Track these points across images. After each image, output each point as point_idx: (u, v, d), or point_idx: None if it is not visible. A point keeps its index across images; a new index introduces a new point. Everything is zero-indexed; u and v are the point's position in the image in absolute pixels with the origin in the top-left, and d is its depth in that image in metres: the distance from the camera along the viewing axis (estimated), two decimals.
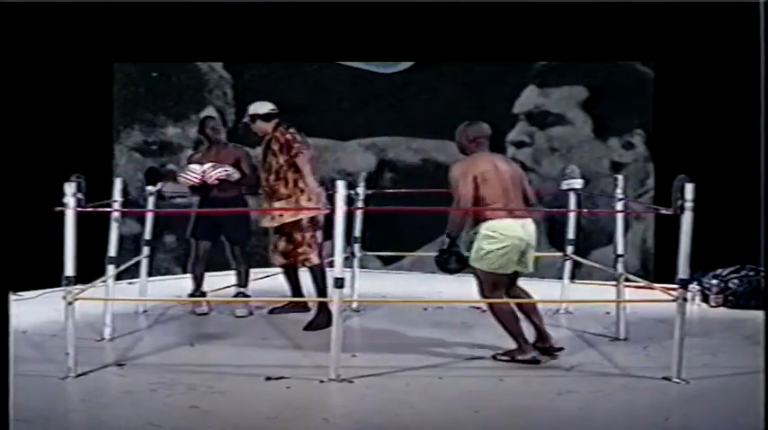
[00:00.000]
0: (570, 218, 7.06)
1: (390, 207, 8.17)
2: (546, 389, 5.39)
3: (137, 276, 7.52)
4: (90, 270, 6.25)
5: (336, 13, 8.82)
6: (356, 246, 7.73)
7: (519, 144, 9.16)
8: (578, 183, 6.82)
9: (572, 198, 6.90)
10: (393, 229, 8.88)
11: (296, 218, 6.96)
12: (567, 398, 5.24)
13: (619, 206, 6.71)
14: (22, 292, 7.65)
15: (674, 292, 5.59)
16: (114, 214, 6.44)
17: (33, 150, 8.03)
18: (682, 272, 5.53)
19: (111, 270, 6.48)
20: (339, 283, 5.55)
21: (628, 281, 6.73)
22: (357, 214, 7.61)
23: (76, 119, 8.53)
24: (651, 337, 6.55)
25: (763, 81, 8.24)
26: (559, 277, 7.61)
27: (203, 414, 4.93)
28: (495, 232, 5.83)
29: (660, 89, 8.93)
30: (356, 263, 7.77)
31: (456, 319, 6.39)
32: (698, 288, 7.98)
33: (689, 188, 5.45)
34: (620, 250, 6.64)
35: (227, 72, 9.71)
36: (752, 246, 8.30)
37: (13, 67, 7.10)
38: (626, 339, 6.56)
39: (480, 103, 9.15)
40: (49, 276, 6.91)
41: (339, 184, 5.65)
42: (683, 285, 5.55)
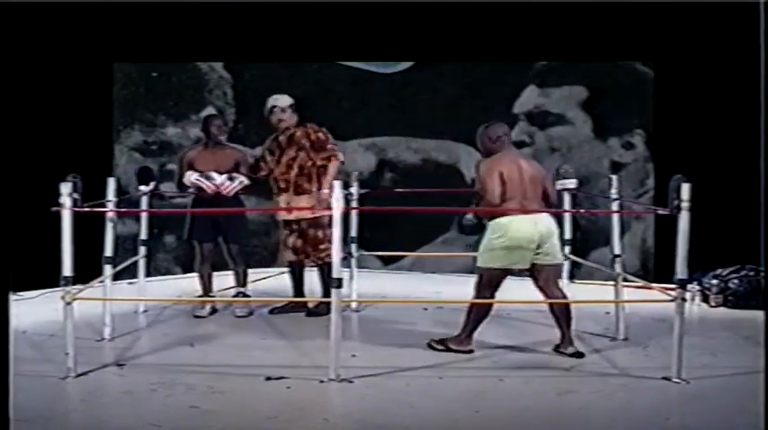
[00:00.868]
0: (566, 218, 7.05)
1: (390, 207, 8.15)
2: (546, 390, 5.39)
3: (137, 276, 7.52)
4: (90, 270, 6.26)
5: (336, 13, 8.81)
6: (353, 246, 7.73)
7: (519, 144, 9.13)
8: (572, 184, 6.80)
9: (566, 198, 6.90)
10: (393, 229, 8.88)
11: (317, 215, 6.98)
12: (567, 399, 5.24)
13: (614, 206, 6.71)
14: (22, 292, 7.64)
15: (672, 292, 5.59)
16: (109, 214, 6.44)
17: (33, 150, 8.01)
18: (680, 272, 5.54)
19: (108, 270, 6.48)
20: (337, 284, 5.56)
21: (626, 281, 6.73)
22: (352, 214, 7.60)
23: (76, 119, 8.52)
24: (651, 337, 6.54)
25: (763, 81, 8.24)
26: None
27: (203, 414, 4.93)
28: (500, 229, 5.95)
29: (660, 89, 8.93)
30: (354, 263, 7.77)
31: (456, 319, 6.35)
32: (698, 288, 7.97)
33: (685, 188, 5.45)
34: (617, 250, 6.64)
35: (227, 72, 9.70)
36: (752, 246, 8.30)
37: (13, 67, 7.08)
38: (626, 339, 6.56)
39: (480, 103, 9.16)
40: (49, 276, 6.90)
41: (335, 184, 5.66)
42: (681, 285, 5.56)
